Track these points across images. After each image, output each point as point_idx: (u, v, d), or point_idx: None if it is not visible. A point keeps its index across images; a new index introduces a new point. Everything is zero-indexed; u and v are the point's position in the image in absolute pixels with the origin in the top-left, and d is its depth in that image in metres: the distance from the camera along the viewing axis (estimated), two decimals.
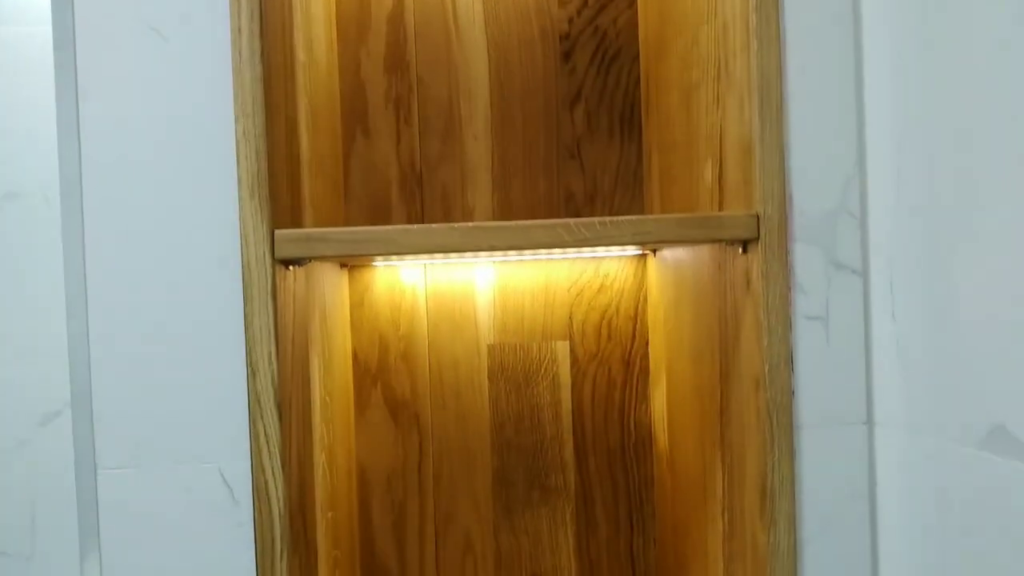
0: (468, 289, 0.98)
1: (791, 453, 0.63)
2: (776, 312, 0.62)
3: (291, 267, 0.64)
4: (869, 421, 0.64)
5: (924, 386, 0.58)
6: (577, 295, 0.99)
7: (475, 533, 0.98)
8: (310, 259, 0.63)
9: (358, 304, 0.96)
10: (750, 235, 0.62)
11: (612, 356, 0.99)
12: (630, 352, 0.99)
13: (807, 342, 0.63)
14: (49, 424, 0.64)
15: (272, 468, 0.59)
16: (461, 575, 0.98)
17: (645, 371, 0.99)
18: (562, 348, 0.99)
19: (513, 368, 0.98)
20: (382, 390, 0.97)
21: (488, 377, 0.98)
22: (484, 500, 0.98)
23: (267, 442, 0.59)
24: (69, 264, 0.60)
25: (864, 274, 0.64)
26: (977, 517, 0.53)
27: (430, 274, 0.97)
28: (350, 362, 0.95)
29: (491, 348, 0.98)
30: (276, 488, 0.59)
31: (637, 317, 0.99)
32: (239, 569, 0.60)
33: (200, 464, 0.60)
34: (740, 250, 0.65)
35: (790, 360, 0.63)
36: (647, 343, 0.99)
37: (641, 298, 0.99)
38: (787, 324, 0.62)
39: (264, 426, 0.59)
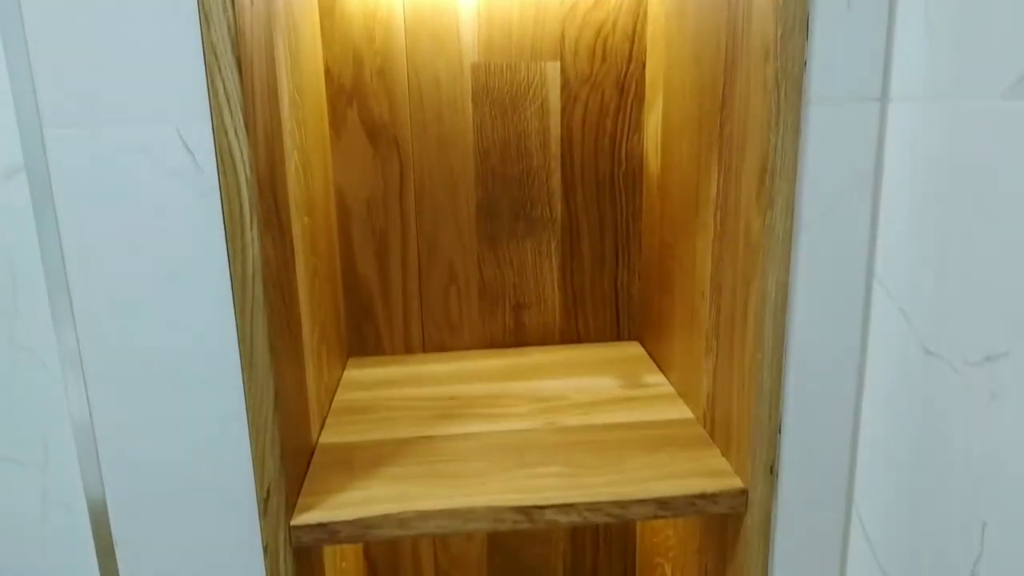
0: None
1: (796, 131, 0.58)
2: None
3: None
4: (884, 97, 0.59)
5: (951, 46, 0.53)
6: (571, 9, 0.90)
7: (458, 263, 0.96)
8: None
9: (328, 12, 0.87)
10: None
11: (606, 79, 0.92)
12: (626, 75, 0.92)
13: (826, 5, 0.57)
14: (13, 177, 0.59)
15: (235, 129, 0.54)
16: (444, 304, 0.97)
17: (640, 97, 0.93)
18: (552, 69, 0.92)
19: (499, 90, 0.91)
20: (358, 110, 0.90)
21: (472, 100, 0.91)
22: (468, 230, 0.95)
23: (228, 100, 0.54)
24: None
25: None
26: (993, 175, 0.50)
27: None
28: (322, 77, 0.88)
29: (475, 67, 0.91)
30: (241, 151, 0.55)
31: (635, 35, 0.91)
32: (208, 241, 0.57)
33: (156, 125, 0.55)
34: None
35: (806, 24, 0.57)
36: (644, 66, 0.92)
37: (641, 13, 0.90)
38: None
39: (224, 82, 0.54)
